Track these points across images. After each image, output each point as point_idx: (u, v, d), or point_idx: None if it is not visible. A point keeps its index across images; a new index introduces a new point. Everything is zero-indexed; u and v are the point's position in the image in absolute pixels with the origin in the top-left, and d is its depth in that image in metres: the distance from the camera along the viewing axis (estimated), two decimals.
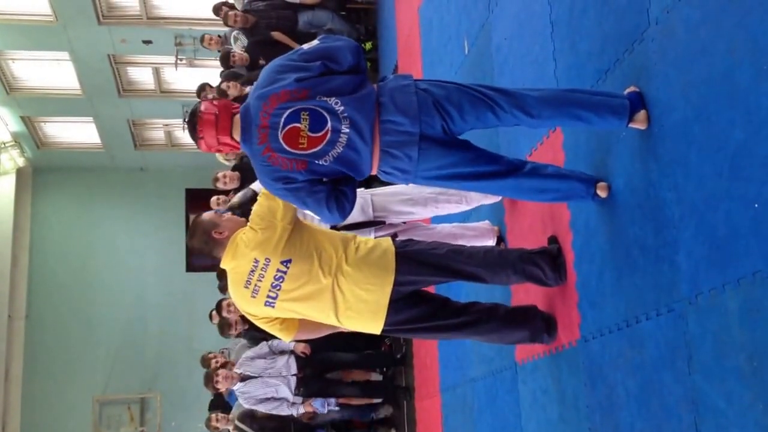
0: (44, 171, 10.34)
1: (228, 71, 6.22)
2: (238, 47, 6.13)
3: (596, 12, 2.43)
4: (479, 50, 3.66)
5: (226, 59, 6.11)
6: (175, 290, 10.15)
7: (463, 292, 3.55)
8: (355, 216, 3.00)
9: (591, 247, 2.46)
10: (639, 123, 2.11)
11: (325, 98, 2.06)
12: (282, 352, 5.11)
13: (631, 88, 2.16)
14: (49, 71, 8.93)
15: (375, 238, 3.01)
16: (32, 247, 10.24)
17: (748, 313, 1.68)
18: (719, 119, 1.80)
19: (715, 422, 1.79)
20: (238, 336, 5.44)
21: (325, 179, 2.19)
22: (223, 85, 5.76)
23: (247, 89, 5.82)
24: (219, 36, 6.43)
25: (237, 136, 2.18)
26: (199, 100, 6.24)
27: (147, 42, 8.46)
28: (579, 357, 2.53)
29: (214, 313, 5.70)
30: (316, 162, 2.10)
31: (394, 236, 2.66)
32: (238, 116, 2.18)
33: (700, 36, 1.88)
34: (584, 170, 2.45)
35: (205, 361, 5.55)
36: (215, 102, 2.21)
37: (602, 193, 2.31)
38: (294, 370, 5.05)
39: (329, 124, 2.05)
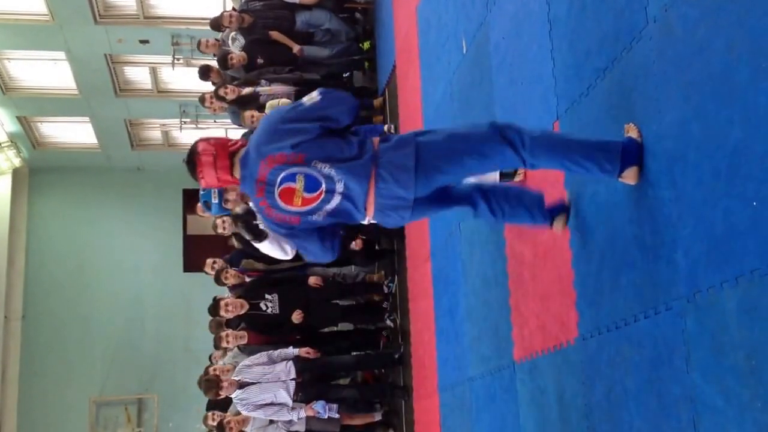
0: (41, 171, 10.31)
1: (224, 75, 6.21)
2: (236, 48, 6.11)
3: (594, 10, 2.43)
4: (477, 49, 3.66)
5: (224, 61, 6.09)
6: (173, 291, 10.14)
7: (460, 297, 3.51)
8: None
9: (589, 246, 2.46)
10: (629, 178, 2.10)
11: (320, 164, 2.14)
12: (283, 360, 5.07)
13: (632, 131, 2.12)
14: (46, 71, 8.91)
15: None
16: (29, 248, 10.21)
17: (746, 312, 1.68)
18: (718, 118, 1.80)
19: (714, 421, 1.79)
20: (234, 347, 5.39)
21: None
22: (221, 91, 5.74)
23: (245, 90, 5.81)
24: (216, 39, 6.41)
25: (238, 175, 2.27)
26: (204, 80, 6.24)
27: (144, 42, 8.45)
28: (577, 356, 2.53)
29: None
30: (310, 217, 2.22)
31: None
32: (238, 158, 2.24)
33: (699, 34, 1.88)
34: None
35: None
36: (212, 141, 2.28)
37: (557, 227, 2.48)
38: (293, 374, 5.02)
39: (323, 186, 2.15)
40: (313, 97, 2.19)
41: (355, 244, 5.40)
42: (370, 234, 5.54)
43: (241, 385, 4.90)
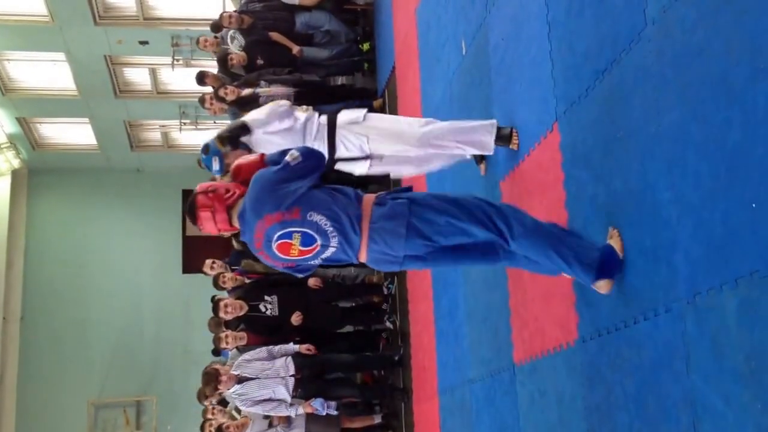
0: (40, 172, 10.31)
1: (223, 76, 6.21)
2: (236, 47, 6.10)
3: (593, 12, 2.43)
4: (477, 51, 3.66)
5: (223, 61, 6.09)
6: (171, 292, 10.13)
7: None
8: (353, 152, 3.20)
9: None
10: (602, 288, 2.21)
11: (315, 216, 2.25)
12: (283, 356, 5.06)
13: (614, 239, 2.19)
14: (45, 72, 8.92)
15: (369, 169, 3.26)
16: (27, 249, 10.21)
17: (746, 314, 1.68)
18: (716, 119, 1.80)
19: (713, 423, 1.79)
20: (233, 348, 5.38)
21: None
22: (221, 92, 5.74)
23: (245, 92, 5.80)
24: (215, 37, 6.41)
25: (236, 224, 2.41)
26: (201, 87, 6.23)
27: (143, 43, 8.46)
28: (577, 358, 2.53)
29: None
30: (306, 263, 2.39)
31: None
32: (235, 212, 2.36)
33: (697, 36, 1.87)
34: (583, 171, 2.44)
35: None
36: (209, 193, 2.37)
37: (603, 290, 2.28)
38: (292, 371, 5.01)
39: (318, 242, 2.27)
40: (296, 156, 2.31)
41: None
42: None
43: (240, 380, 4.89)
